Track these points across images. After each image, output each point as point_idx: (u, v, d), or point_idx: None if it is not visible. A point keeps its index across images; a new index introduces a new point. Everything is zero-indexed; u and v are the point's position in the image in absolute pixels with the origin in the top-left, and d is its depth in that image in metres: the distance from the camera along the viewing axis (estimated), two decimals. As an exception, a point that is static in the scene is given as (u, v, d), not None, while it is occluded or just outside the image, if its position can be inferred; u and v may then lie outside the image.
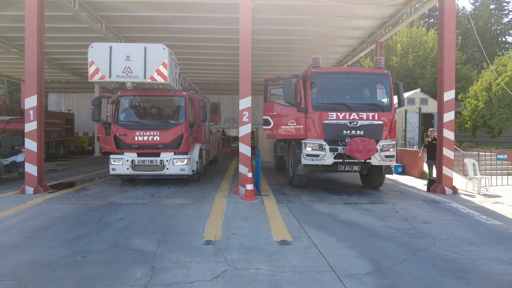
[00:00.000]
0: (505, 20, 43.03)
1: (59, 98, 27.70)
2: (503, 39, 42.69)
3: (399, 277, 4.07)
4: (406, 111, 14.51)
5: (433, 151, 10.27)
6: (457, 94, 21.69)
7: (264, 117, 9.31)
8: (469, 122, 18.17)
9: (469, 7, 45.18)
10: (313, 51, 16.42)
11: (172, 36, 14.19)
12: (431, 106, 17.14)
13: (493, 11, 42.96)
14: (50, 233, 5.58)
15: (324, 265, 4.35)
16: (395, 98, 9.02)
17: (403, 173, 13.70)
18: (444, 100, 9.07)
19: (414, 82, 24.43)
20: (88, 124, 26.36)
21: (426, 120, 17.21)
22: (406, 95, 19.95)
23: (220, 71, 20.99)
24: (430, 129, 11.25)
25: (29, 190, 8.53)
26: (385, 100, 8.85)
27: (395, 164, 14.01)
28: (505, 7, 43.05)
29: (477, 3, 43.27)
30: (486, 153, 13.07)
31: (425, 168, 12.04)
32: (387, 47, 26.53)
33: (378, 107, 8.67)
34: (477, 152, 12.96)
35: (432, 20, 42.26)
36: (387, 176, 12.86)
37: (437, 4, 9.89)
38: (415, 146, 14.57)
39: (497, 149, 14.35)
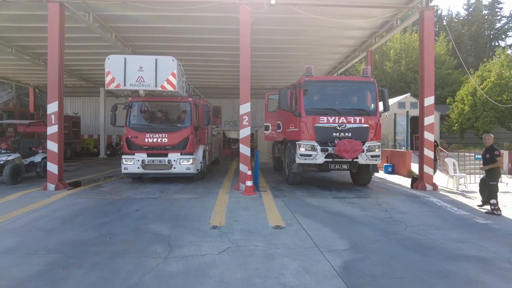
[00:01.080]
0: (498, 25, 44.12)
1: (65, 101, 28.48)
2: (496, 44, 43.76)
3: (371, 252, 5.02)
4: (395, 115, 15.47)
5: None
6: (446, 98, 22.71)
7: (265, 124, 10.77)
8: (456, 125, 19.15)
9: (463, 12, 46.14)
10: (309, 58, 17.45)
11: (177, 45, 15.14)
12: (421, 110, 18.06)
13: (486, 17, 44.08)
14: (79, 221, 6.53)
15: (310, 243, 5.31)
16: (381, 104, 9.99)
17: (393, 172, 14.64)
18: (425, 105, 10.06)
19: (407, 86, 25.46)
20: (93, 127, 27.32)
21: (416, 122, 18.15)
22: (397, 99, 21.00)
23: (221, 76, 21.98)
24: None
25: (51, 187, 9.47)
26: (371, 105, 9.81)
27: (386, 164, 15.08)
28: (498, 13, 44.16)
29: (471, 9, 44.37)
30: (466, 153, 14.03)
31: (413, 167, 12.96)
32: (382, 53, 27.56)
33: (364, 112, 9.64)
34: (457, 153, 13.91)
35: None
36: (377, 175, 13.88)
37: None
38: (403, 148, 15.51)
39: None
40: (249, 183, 9.14)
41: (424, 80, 10.05)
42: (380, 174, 14.34)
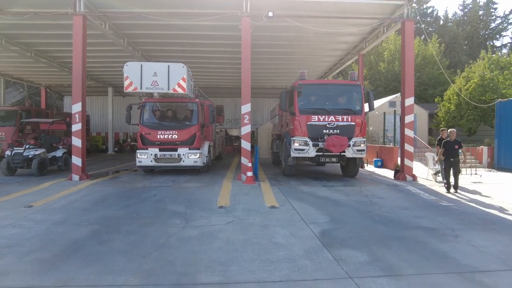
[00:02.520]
0: (493, 25, 45.22)
1: (74, 101, 29.96)
2: (491, 43, 44.87)
3: (345, 224, 6.33)
4: (384, 113, 16.73)
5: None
6: (435, 97, 23.96)
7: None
8: (443, 123, 20.39)
9: (459, 13, 47.25)
10: (306, 60, 18.74)
11: (182, 49, 16.43)
12: (411, 109, 19.32)
13: (481, 17, 45.18)
14: (107, 203, 7.86)
15: (298, 218, 6.62)
16: (367, 104, 11.25)
17: (382, 166, 15.90)
18: (406, 105, 11.33)
19: (400, 86, 26.68)
20: (101, 125, 28.62)
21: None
22: (388, 98, 22.26)
23: (223, 77, 23.23)
24: (442, 129, 11.29)
25: (76, 177, 10.79)
26: (357, 106, 11.09)
27: (375, 158, 16.37)
28: (493, 13, 45.25)
29: (466, 9, 45.47)
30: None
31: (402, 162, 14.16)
32: (377, 54, 28.78)
33: (351, 111, 10.91)
34: (431, 148, 15.19)
35: (421, 25, 44.38)
36: (366, 168, 15.17)
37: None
38: (391, 143, 16.76)
39: (470, 146, 16.61)
40: (250, 173, 10.46)
41: (405, 83, 11.32)
42: (370, 168, 15.67)
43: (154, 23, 12.97)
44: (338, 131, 10.63)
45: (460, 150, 9.41)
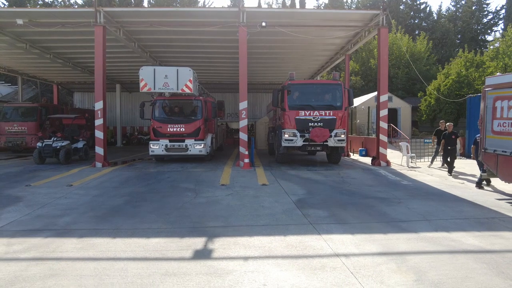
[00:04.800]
0: (485, 20, 46.69)
1: (83, 96, 31.79)
2: (483, 38, 46.41)
3: (317, 195, 8.23)
4: (369, 108, 18.55)
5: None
6: (418, 92, 25.74)
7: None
8: (425, 116, 22.20)
9: (451, 8, 48.68)
10: (299, 59, 20.54)
11: (187, 50, 18.22)
12: (395, 103, 21.19)
13: (475, 12, 46.61)
14: (131, 183, 9.78)
15: (282, 191, 8.53)
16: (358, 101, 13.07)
17: (366, 155, 17.78)
18: (381, 101, 13.17)
19: (390, 81, 28.42)
20: (110, 119, 30.32)
21: (392, 114, 21.25)
22: (374, 93, 23.99)
23: (222, 74, 25.01)
24: (441, 121, 14.07)
25: (99, 164, 12.71)
26: (338, 102, 12.90)
27: (360, 148, 18.25)
28: (485, 8, 46.69)
29: (458, 5, 46.90)
30: (417, 139, 17.21)
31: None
32: (369, 51, 30.46)
33: (333, 107, 12.73)
34: (409, 139, 17.06)
35: (415, 21, 45.86)
36: (352, 156, 17.03)
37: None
38: (374, 134, 18.60)
39: None
40: (247, 160, 12.37)
41: (380, 82, 13.15)
42: (355, 157, 17.55)
43: (162, 29, 14.77)
44: (321, 124, 12.47)
45: (458, 140, 11.67)
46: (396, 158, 15.34)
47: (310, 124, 12.49)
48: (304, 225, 5.91)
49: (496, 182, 9.46)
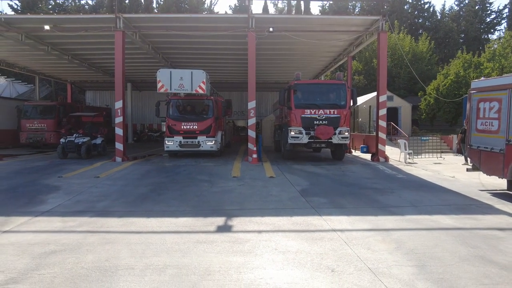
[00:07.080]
0: (488, 20, 47.18)
1: (95, 95, 32.93)
2: (486, 37, 46.89)
3: (319, 186, 9.23)
4: (370, 107, 19.45)
5: None
6: (419, 91, 26.58)
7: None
8: (424, 114, 23.04)
9: (455, 7, 49.22)
10: (304, 61, 21.47)
11: (197, 52, 19.21)
12: (396, 102, 22.06)
13: (478, 12, 47.08)
14: (151, 175, 10.84)
15: (288, 183, 9.54)
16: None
17: (367, 152, 18.69)
18: (380, 101, 14.09)
19: (392, 80, 29.25)
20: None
21: (392, 112, 22.12)
22: (375, 93, 24.88)
23: (230, 73, 26.00)
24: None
25: (118, 159, 13.78)
26: (342, 101, 13.83)
27: (362, 145, 19.18)
28: (488, 8, 47.16)
29: (462, 4, 47.42)
30: (416, 137, 18.11)
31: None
32: (372, 50, 31.26)
33: (337, 106, 13.66)
34: (407, 136, 17.98)
35: (418, 20, 46.42)
36: (354, 153, 17.96)
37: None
38: (374, 132, 19.51)
39: (449, 134, 19.38)
40: (255, 155, 13.39)
41: (379, 83, 14.07)
42: (356, 153, 18.50)
43: (175, 33, 15.80)
44: (326, 122, 13.40)
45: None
46: (395, 154, 16.24)
47: (315, 122, 13.41)
48: (307, 209, 6.92)
49: (482, 176, 10.39)
